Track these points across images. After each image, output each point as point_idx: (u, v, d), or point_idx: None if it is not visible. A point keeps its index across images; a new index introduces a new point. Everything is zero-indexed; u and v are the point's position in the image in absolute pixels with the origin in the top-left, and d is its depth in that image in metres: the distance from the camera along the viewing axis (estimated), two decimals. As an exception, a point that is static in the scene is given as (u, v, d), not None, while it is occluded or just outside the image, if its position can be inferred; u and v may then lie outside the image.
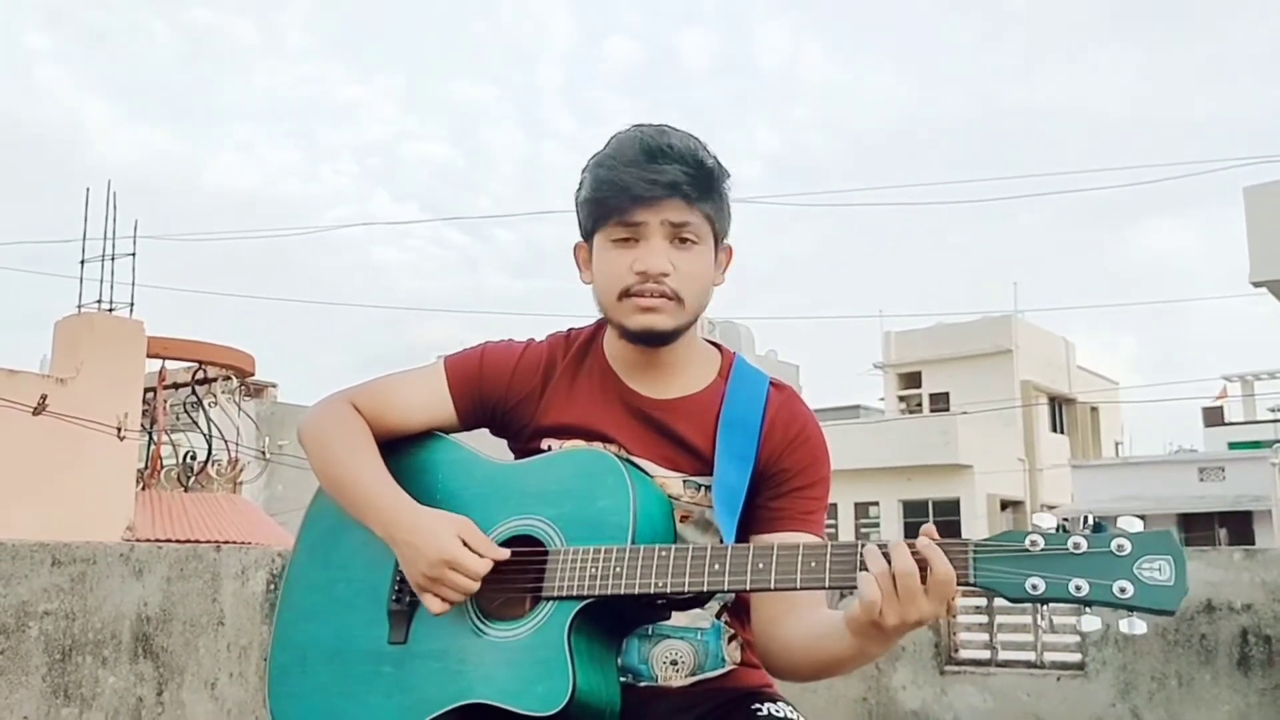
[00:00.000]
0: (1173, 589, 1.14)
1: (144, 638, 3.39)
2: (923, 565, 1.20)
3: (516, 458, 1.59)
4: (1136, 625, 1.16)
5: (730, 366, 1.58)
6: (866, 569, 1.22)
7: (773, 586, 1.29)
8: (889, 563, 1.21)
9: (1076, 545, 1.18)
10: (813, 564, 1.27)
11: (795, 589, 1.29)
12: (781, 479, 1.50)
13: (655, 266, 1.46)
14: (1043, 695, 3.12)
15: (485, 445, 1.58)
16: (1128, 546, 1.16)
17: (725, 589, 1.34)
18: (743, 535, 1.48)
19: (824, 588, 1.29)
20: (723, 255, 1.56)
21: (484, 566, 1.38)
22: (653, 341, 1.50)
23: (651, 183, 1.45)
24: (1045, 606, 1.20)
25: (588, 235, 1.55)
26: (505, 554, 1.40)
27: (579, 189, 1.54)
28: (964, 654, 3.30)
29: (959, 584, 1.21)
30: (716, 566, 1.31)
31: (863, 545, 1.24)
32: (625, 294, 1.48)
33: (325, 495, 1.58)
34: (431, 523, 1.41)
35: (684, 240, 1.48)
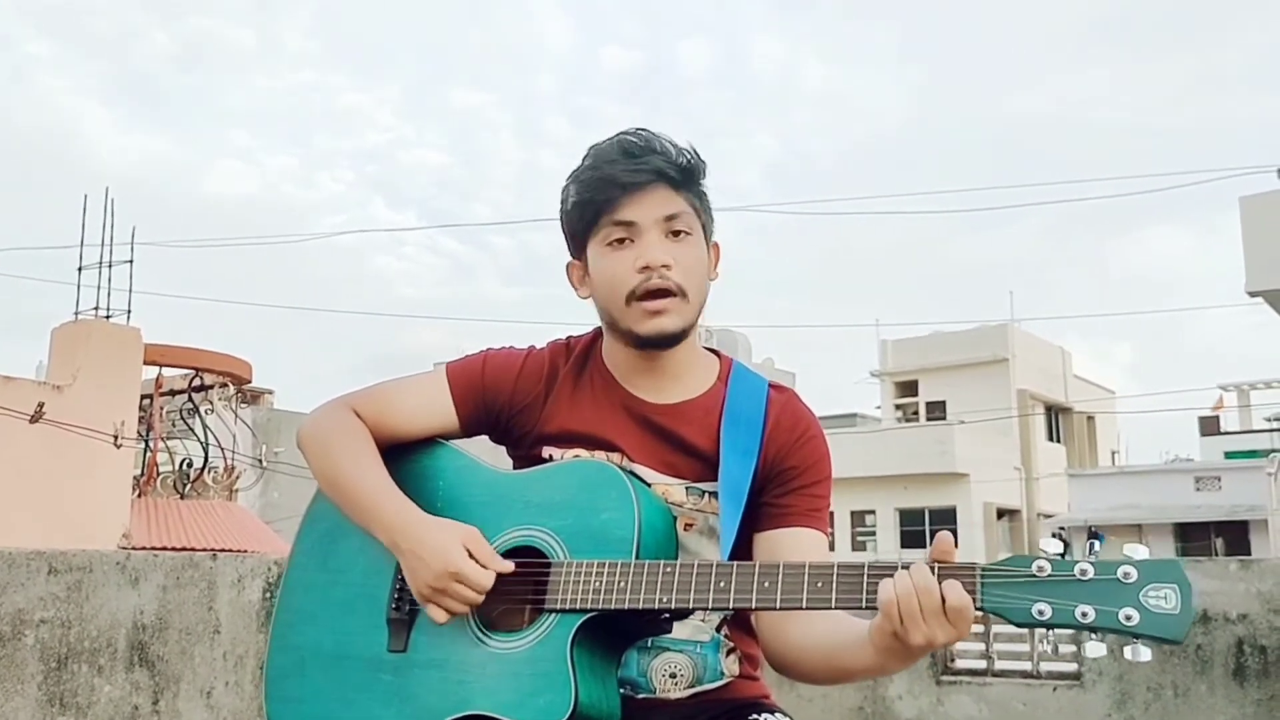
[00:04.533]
0: (1178, 617, 1.13)
1: (140, 646, 3.39)
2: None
3: (516, 466, 1.59)
4: (1141, 653, 1.15)
5: (729, 371, 1.59)
6: (892, 584, 1.21)
7: (778, 606, 1.29)
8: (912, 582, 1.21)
9: (1083, 572, 1.17)
10: (819, 584, 1.27)
11: (801, 609, 1.29)
12: (788, 476, 1.51)
13: (657, 258, 1.47)
14: (1038, 705, 3.12)
15: (484, 453, 1.58)
16: (1134, 574, 1.16)
17: (730, 606, 1.34)
18: (749, 534, 1.48)
19: (830, 608, 1.28)
20: (712, 251, 1.58)
21: (489, 580, 1.38)
22: (663, 345, 1.51)
23: (635, 171, 1.48)
24: (1049, 631, 1.19)
25: (580, 247, 1.55)
26: (509, 567, 1.40)
27: (563, 203, 1.55)
28: (960, 664, 3.30)
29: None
30: (722, 584, 1.31)
31: (868, 566, 1.24)
32: (632, 296, 1.48)
33: (324, 497, 1.57)
34: (437, 533, 1.40)
35: (677, 233, 1.50)
